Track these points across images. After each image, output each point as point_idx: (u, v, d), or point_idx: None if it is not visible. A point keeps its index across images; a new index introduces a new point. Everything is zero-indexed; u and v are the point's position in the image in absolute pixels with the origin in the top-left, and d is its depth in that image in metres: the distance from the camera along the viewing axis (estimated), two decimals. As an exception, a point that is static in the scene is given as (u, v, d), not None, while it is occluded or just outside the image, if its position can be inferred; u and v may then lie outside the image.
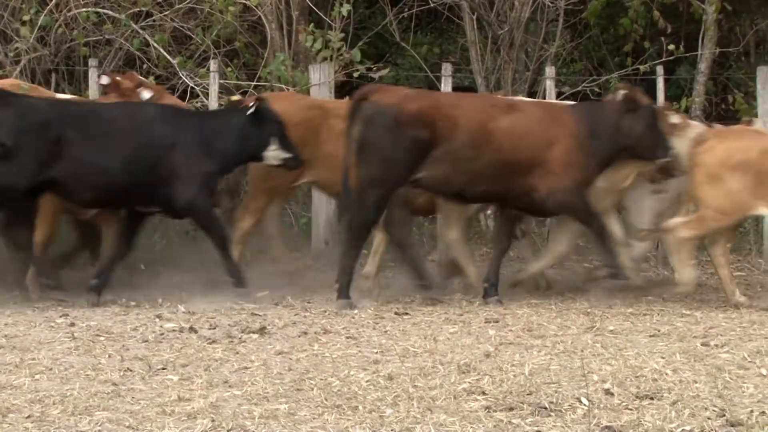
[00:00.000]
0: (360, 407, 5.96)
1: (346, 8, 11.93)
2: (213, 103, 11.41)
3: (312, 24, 12.13)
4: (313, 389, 6.31)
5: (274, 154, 9.21)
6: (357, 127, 8.97)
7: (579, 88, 12.54)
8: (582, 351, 7.28)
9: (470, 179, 8.97)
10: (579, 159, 9.04)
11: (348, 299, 8.91)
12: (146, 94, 9.91)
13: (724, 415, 5.78)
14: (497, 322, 8.34)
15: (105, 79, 9.95)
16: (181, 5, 12.22)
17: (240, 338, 7.72)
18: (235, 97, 9.46)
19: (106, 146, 8.96)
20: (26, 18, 11.67)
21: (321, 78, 11.45)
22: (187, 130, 9.12)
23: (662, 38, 12.58)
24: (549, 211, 9.30)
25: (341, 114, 9.44)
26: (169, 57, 11.88)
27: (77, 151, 8.90)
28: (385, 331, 8.03)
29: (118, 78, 9.99)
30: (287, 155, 9.21)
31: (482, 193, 9.11)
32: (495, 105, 9.24)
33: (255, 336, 7.81)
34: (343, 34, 11.92)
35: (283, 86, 11.61)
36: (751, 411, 5.86)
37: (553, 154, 9.00)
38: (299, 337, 7.80)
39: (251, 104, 9.23)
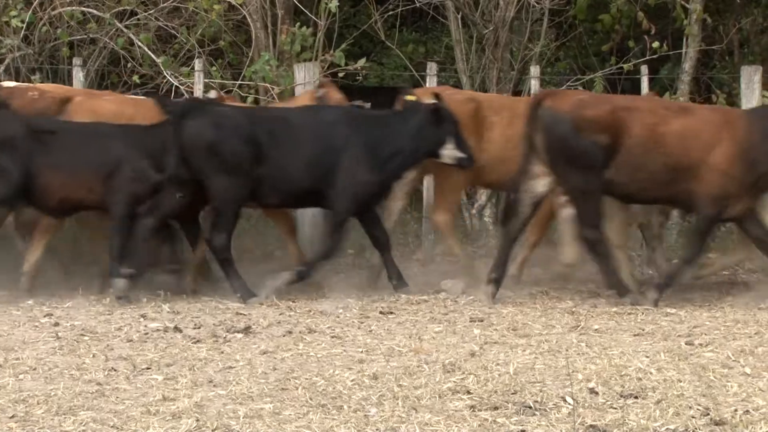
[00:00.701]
0: (345, 407, 5.96)
1: (334, 4, 11.94)
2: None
3: (298, 24, 12.12)
4: (297, 389, 6.31)
5: (449, 153, 9.36)
6: (538, 135, 9.00)
7: (563, 87, 12.54)
8: (567, 350, 7.29)
9: (642, 181, 8.93)
10: (735, 167, 8.89)
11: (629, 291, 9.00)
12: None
13: (709, 414, 5.80)
14: (482, 321, 8.34)
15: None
16: (165, 4, 12.19)
17: (225, 338, 7.71)
18: (411, 97, 9.48)
19: (295, 150, 9.14)
20: (14, 14, 11.63)
21: (306, 77, 11.43)
22: (367, 131, 9.28)
23: (645, 37, 12.61)
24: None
25: (494, 106, 9.86)
26: (153, 56, 11.85)
27: (272, 156, 9.09)
28: (370, 331, 8.03)
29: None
30: (461, 155, 9.35)
31: (650, 193, 9.06)
32: (668, 108, 9.16)
33: (240, 335, 7.80)
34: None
35: (268, 85, 11.60)
36: (735, 410, 5.87)
37: (711, 158, 8.88)
38: (284, 336, 7.80)
39: (430, 102, 9.36)
